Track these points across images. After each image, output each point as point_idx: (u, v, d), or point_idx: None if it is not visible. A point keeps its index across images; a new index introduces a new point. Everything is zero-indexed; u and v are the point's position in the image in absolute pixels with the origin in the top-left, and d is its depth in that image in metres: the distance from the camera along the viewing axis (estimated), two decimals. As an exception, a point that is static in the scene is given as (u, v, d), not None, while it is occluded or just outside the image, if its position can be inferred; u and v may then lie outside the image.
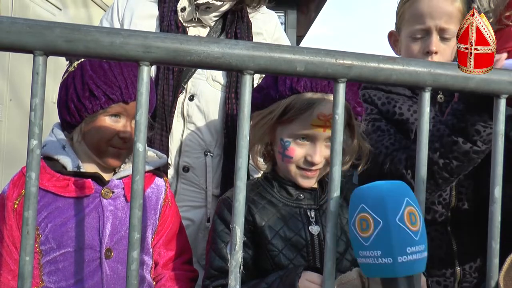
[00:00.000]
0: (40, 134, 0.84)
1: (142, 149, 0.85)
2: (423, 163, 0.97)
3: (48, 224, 1.22)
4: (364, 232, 0.81)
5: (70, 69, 1.27)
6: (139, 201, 0.85)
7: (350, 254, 1.25)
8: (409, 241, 0.78)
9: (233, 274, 0.87)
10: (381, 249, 0.78)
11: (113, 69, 1.23)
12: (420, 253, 0.80)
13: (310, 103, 1.21)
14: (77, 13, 6.83)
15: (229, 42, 0.86)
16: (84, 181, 1.26)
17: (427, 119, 0.97)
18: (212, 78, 1.66)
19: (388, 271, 0.79)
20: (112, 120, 1.26)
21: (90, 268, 1.23)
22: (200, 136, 1.65)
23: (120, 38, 0.82)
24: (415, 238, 0.79)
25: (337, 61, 0.89)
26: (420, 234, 0.80)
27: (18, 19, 0.82)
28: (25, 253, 0.83)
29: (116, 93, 1.23)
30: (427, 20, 1.49)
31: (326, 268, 0.92)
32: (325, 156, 1.24)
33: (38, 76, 0.83)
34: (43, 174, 1.24)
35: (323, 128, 1.21)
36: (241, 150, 0.88)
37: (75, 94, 1.23)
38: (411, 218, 0.79)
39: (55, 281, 1.21)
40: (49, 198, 1.24)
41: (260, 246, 1.24)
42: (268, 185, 1.32)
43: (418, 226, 0.80)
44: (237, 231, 0.87)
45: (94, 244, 1.24)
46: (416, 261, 0.79)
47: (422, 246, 0.80)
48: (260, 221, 1.24)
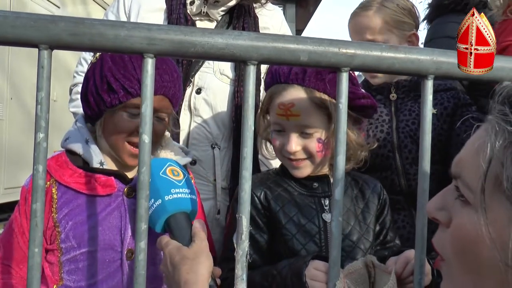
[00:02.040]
0: (47, 127, 0.84)
1: (147, 140, 0.86)
2: (426, 150, 0.98)
3: (69, 221, 1.19)
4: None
5: (92, 60, 1.23)
6: (146, 192, 0.86)
7: (363, 243, 1.28)
8: (173, 185, 1.04)
9: (239, 263, 0.88)
10: (153, 196, 1.02)
11: (133, 61, 1.17)
12: (185, 194, 1.05)
13: (272, 93, 1.30)
14: (75, 11, 6.84)
15: (232, 33, 0.86)
16: (107, 178, 1.22)
17: (430, 107, 0.98)
18: (220, 71, 1.67)
19: (162, 210, 1.02)
20: (131, 114, 1.20)
21: (110, 269, 1.20)
22: (207, 129, 1.66)
23: (125, 31, 0.83)
24: (179, 184, 1.05)
25: (340, 50, 0.89)
26: (184, 182, 1.07)
27: (22, 13, 0.83)
28: (34, 244, 0.84)
29: (135, 87, 1.16)
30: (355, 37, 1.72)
31: (332, 256, 0.93)
32: (302, 145, 1.27)
33: (43, 70, 0.84)
34: (64, 169, 1.21)
35: (285, 116, 1.26)
36: (246, 140, 0.89)
37: (94, 87, 1.19)
38: (173, 172, 1.07)
39: (74, 280, 1.19)
40: (70, 195, 1.20)
41: (274, 230, 1.27)
42: (284, 175, 1.35)
43: (182, 177, 1.07)
44: (244, 220, 0.88)
45: (115, 245, 1.20)
46: (182, 199, 1.04)
47: (187, 190, 1.06)
48: (275, 206, 1.28)
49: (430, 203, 0.74)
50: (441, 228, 0.71)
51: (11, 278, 1.19)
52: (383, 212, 1.38)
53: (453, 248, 0.67)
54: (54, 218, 1.19)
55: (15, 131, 5.76)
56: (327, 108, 1.26)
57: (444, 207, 0.70)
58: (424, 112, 0.98)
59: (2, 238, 1.25)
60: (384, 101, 1.70)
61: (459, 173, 0.67)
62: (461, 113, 1.65)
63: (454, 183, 0.69)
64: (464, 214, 0.65)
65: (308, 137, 1.27)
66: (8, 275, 1.19)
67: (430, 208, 0.73)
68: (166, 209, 1.02)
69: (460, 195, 0.67)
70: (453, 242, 0.67)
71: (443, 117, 1.65)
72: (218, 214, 1.64)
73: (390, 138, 1.65)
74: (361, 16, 1.70)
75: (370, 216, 1.34)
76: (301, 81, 1.24)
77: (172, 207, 1.02)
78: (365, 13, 1.70)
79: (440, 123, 1.64)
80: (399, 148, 1.64)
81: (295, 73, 1.25)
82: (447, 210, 0.70)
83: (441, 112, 1.66)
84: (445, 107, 1.66)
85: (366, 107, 1.32)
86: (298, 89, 1.25)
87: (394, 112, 1.68)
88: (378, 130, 1.66)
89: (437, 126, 1.63)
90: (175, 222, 1.03)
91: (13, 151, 5.71)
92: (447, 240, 0.68)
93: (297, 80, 1.25)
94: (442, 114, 1.66)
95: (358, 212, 1.32)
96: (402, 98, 1.70)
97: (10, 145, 5.66)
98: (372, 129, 1.65)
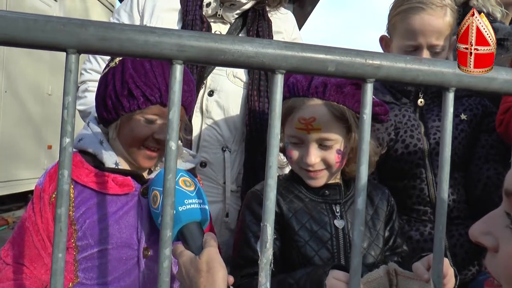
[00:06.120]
0: (73, 132, 0.84)
1: (174, 147, 0.85)
2: (446, 161, 0.98)
3: (86, 220, 1.20)
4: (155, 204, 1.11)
5: (111, 65, 1.25)
6: (172, 199, 0.86)
7: (373, 250, 1.29)
8: (186, 196, 1.07)
9: (263, 271, 0.89)
10: None
11: (154, 69, 1.20)
12: (197, 204, 1.07)
13: (291, 107, 1.28)
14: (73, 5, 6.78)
15: (262, 42, 0.86)
16: (125, 178, 1.24)
17: (450, 119, 0.98)
18: (233, 74, 1.67)
19: (177, 220, 1.04)
20: (148, 121, 1.23)
21: (127, 266, 1.22)
22: (219, 131, 1.66)
23: (155, 37, 0.82)
24: (191, 195, 1.08)
25: (366, 61, 0.90)
26: (196, 193, 1.09)
27: (52, 17, 0.82)
28: (58, 249, 0.83)
29: (155, 95, 1.20)
30: (419, 37, 1.52)
31: (353, 264, 0.93)
32: (321, 157, 1.28)
33: (71, 74, 0.83)
34: (80, 169, 1.22)
35: (306, 131, 1.26)
36: (272, 149, 0.89)
37: (114, 91, 1.20)
38: (185, 183, 1.09)
39: (91, 278, 1.20)
40: (87, 194, 1.22)
41: (287, 237, 1.28)
42: (295, 181, 1.36)
43: (193, 188, 1.09)
44: (268, 229, 0.88)
45: (132, 243, 1.22)
46: (194, 209, 1.07)
47: (199, 200, 1.08)
48: (287, 213, 1.29)
49: (475, 227, 0.72)
50: (491, 252, 0.70)
51: (25, 278, 1.18)
52: (392, 218, 1.40)
53: (505, 277, 0.66)
54: (71, 217, 1.20)
55: (9, 124, 5.72)
56: (347, 120, 1.27)
57: (490, 232, 0.69)
58: (445, 124, 0.98)
59: (14, 237, 1.24)
60: (410, 105, 1.63)
61: None
62: (487, 123, 1.62)
63: (504, 208, 0.68)
64: None
65: (327, 149, 1.27)
66: (22, 275, 1.19)
67: (475, 232, 0.71)
68: (180, 219, 1.05)
69: (511, 223, 0.66)
70: (505, 271, 0.66)
71: (473, 124, 1.61)
72: (227, 217, 1.65)
73: (421, 145, 1.57)
74: (432, 16, 1.50)
75: (380, 223, 1.36)
76: (322, 94, 1.24)
77: (186, 217, 1.06)
78: (438, 14, 1.51)
79: (470, 129, 1.60)
80: (430, 155, 1.56)
81: (314, 86, 1.25)
82: (493, 235, 0.69)
83: (470, 118, 1.61)
84: (475, 114, 1.62)
85: (379, 114, 1.33)
86: (318, 102, 1.26)
87: (419, 117, 1.62)
88: (408, 135, 1.58)
89: (467, 132, 1.59)
90: (188, 232, 1.06)
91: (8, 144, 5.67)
92: (498, 266, 0.68)
93: (317, 94, 1.25)
94: (472, 120, 1.61)
95: (367, 219, 1.33)
96: (428, 104, 1.64)
97: (4, 139, 5.62)
98: (401, 133, 1.58)
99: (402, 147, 1.57)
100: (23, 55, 5.68)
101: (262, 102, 1.64)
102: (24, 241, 1.21)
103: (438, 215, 0.98)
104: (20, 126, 5.86)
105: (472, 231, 0.72)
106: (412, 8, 1.52)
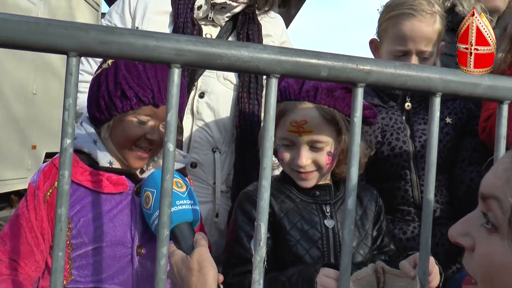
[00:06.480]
0: (73, 133, 0.86)
1: (172, 149, 0.88)
2: (432, 164, 1.03)
3: (81, 218, 1.22)
4: (147, 205, 1.12)
5: (104, 66, 1.26)
6: (169, 199, 0.89)
7: (362, 249, 1.33)
8: (178, 197, 1.09)
9: (257, 269, 0.92)
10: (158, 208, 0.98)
11: (147, 71, 1.22)
12: (188, 205, 1.10)
13: (283, 110, 1.31)
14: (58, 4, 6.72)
15: (257, 47, 0.89)
16: (119, 177, 1.26)
17: (437, 123, 1.03)
18: (223, 76, 1.70)
19: None
20: (140, 121, 1.25)
21: (121, 264, 1.24)
22: (209, 133, 1.68)
23: (154, 41, 0.85)
24: (183, 196, 1.10)
25: (357, 67, 0.93)
26: (187, 194, 1.11)
27: (53, 20, 0.84)
28: (58, 248, 0.85)
29: (148, 96, 1.22)
30: (409, 43, 1.56)
31: (343, 263, 0.97)
32: (312, 159, 1.31)
33: (71, 77, 0.85)
34: (75, 167, 1.23)
35: (297, 133, 1.30)
36: (266, 151, 0.92)
37: (107, 92, 1.23)
38: (177, 184, 1.10)
39: (85, 275, 1.22)
40: (81, 192, 1.24)
41: (278, 236, 1.31)
42: (286, 182, 1.39)
43: (184, 189, 1.11)
44: (262, 228, 0.91)
45: (126, 241, 1.25)
46: (186, 210, 1.09)
47: (190, 201, 1.11)
48: (279, 212, 1.32)
49: (454, 228, 0.75)
50: (468, 252, 0.73)
51: (18, 275, 1.20)
52: (380, 218, 1.44)
53: (481, 275, 0.69)
54: None
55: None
56: (337, 123, 1.31)
57: (468, 233, 0.72)
58: (432, 128, 1.03)
59: (6, 233, 1.25)
60: (397, 109, 1.67)
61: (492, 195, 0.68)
62: (471, 126, 1.66)
63: (480, 208, 0.71)
64: (491, 242, 0.67)
65: (318, 151, 1.31)
66: (16, 272, 1.20)
67: (454, 233, 0.74)
68: (172, 220, 1.06)
69: (486, 222, 0.68)
70: (480, 269, 0.69)
71: (458, 127, 1.65)
72: (217, 217, 1.67)
73: (406, 147, 1.61)
74: (422, 23, 1.53)
75: (368, 223, 1.40)
76: (313, 98, 1.28)
77: (177, 218, 1.08)
78: (428, 21, 1.55)
79: (455, 133, 1.64)
80: (415, 158, 1.61)
81: (306, 90, 1.28)
82: (470, 236, 0.71)
83: (455, 122, 1.65)
84: (460, 118, 1.66)
85: (368, 117, 1.37)
86: (309, 106, 1.29)
87: (406, 120, 1.66)
88: (394, 138, 1.62)
89: (452, 136, 1.63)
90: (179, 232, 1.08)
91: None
92: (474, 265, 0.71)
93: (309, 97, 1.29)
94: (456, 124, 1.65)
95: (357, 219, 1.37)
96: (415, 107, 1.67)
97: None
98: (387, 136, 1.62)
99: (388, 149, 1.61)
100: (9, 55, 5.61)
101: (252, 104, 1.67)
102: (17, 237, 1.22)
103: (425, 215, 1.03)
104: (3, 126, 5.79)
105: (451, 232, 0.75)
106: (403, 14, 1.56)
